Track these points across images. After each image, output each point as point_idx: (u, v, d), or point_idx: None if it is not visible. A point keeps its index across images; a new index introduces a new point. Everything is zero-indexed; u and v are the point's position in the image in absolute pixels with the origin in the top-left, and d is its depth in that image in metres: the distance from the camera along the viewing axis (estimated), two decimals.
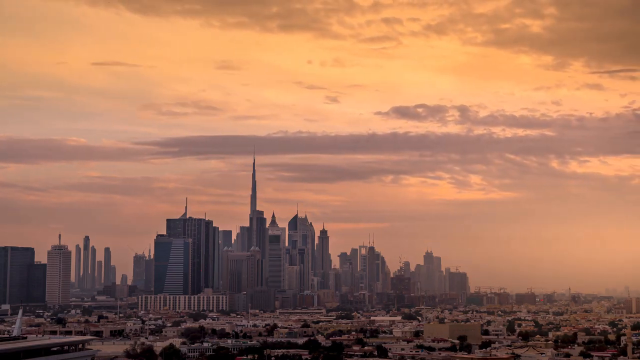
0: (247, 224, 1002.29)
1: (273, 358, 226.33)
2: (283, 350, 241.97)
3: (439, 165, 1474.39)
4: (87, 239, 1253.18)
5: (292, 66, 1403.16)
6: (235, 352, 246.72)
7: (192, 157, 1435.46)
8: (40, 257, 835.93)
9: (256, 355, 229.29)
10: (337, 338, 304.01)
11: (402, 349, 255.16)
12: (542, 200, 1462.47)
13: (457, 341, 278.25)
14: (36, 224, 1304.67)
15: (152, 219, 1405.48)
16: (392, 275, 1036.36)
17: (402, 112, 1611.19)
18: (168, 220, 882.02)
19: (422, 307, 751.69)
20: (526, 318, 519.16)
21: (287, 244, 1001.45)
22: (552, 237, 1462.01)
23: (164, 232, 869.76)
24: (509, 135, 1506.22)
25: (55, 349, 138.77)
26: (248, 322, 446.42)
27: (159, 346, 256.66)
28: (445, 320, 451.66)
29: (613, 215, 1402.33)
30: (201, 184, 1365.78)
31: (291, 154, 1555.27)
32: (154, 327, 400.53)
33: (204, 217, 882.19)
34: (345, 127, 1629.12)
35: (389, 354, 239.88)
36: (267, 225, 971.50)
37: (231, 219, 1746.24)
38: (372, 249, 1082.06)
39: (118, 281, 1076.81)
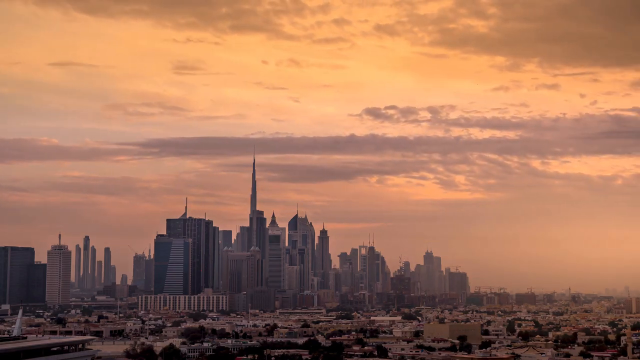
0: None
1: (273, 358, 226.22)
2: (283, 350, 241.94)
3: (421, 165, 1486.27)
4: (87, 239, 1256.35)
5: (249, 66, 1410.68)
6: (235, 352, 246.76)
7: (172, 157, 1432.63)
8: (40, 257, 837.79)
9: (256, 355, 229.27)
10: (337, 338, 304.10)
11: (402, 349, 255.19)
12: (531, 200, 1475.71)
13: (457, 341, 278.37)
14: (24, 223, 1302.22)
15: (138, 219, 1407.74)
16: (392, 275, 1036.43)
17: (374, 114, 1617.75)
18: (168, 220, 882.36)
19: (422, 307, 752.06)
20: (526, 318, 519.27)
21: (287, 244, 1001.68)
22: (550, 237, 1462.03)
23: (164, 232, 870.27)
24: (486, 136, 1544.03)
25: (55, 349, 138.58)
26: (248, 322, 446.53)
27: (159, 346, 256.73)
28: (445, 320, 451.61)
29: (607, 215, 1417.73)
30: (183, 184, 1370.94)
31: (272, 154, 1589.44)
32: (154, 327, 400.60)
33: (204, 217, 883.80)
34: (321, 128, 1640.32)
35: (389, 354, 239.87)
36: (267, 225, 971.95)
37: (218, 219, 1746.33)
38: (372, 249, 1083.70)
39: (118, 281, 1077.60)
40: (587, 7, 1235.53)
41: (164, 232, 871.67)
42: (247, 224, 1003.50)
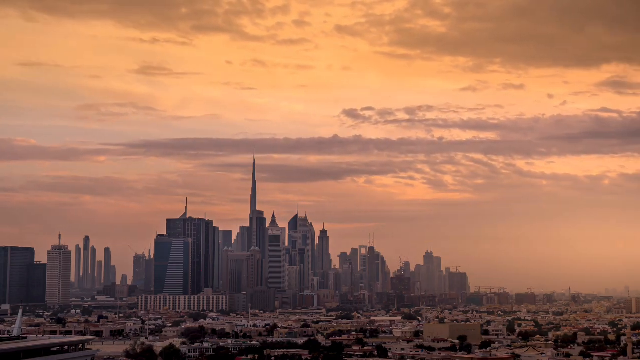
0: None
1: (273, 358, 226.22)
2: (283, 350, 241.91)
3: (408, 166, 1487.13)
4: (87, 239, 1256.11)
5: (216, 67, 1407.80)
6: (235, 352, 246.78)
7: (153, 158, 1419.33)
8: (40, 257, 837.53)
9: (256, 355, 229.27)
10: (337, 338, 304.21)
11: (402, 349, 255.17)
12: (522, 200, 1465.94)
13: (457, 341, 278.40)
14: (13, 223, 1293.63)
15: (126, 219, 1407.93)
16: (392, 275, 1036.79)
17: (353, 115, 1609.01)
18: (168, 220, 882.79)
19: (422, 307, 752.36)
20: (526, 318, 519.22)
21: (287, 244, 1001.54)
22: (550, 237, 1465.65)
23: (164, 232, 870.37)
24: (469, 137, 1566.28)
25: (55, 349, 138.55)
26: (248, 322, 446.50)
27: (159, 346, 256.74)
28: (445, 320, 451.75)
29: (602, 215, 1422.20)
30: (167, 184, 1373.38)
31: (252, 154, 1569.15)
32: (154, 327, 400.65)
33: (204, 217, 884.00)
34: (301, 129, 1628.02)
35: (389, 354, 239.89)
36: (267, 225, 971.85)
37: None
38: (372, 249, 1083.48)
39: (118, 281, 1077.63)
40: (540, 7, 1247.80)
41: (161, 232, 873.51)
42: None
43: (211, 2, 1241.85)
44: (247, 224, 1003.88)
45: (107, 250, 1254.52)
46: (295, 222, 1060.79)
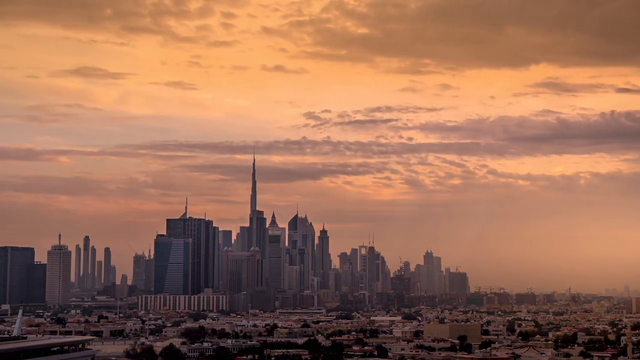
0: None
1: (273, 358, 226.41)
2: (283, 350, 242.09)
3: (383, 166, 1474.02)
4: (87, 239, 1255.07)
5: (150, 68, 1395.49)
6: (235, 352, 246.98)
7: (115, 158, 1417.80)
8: (40, 257, 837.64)
9: (256, 355, 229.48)
10: (337, 338, 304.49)
11: (402, 349, 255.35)
12: (506, 200, 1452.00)
13: (457, 341, 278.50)
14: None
15: (110, 218, 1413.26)
16: (392, 275, 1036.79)
17: (314, 117, 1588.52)
18: (168, 220, 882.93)
19: (422, 307, 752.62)
20: (526, 318, 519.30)
21: (287, 244, 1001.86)
22: (548, 237, 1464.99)
23: (164, 232, 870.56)
24: (437, 137, 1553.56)
25: (55, 349, 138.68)
26: (248, 322, 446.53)
27: (159, 346, 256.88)
28: (445, 320, 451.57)
29: (596, 215, 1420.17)
30: (138, 185, 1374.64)
31: (230, 154, 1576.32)
32: (154, 327, 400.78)
33: (204, 217, 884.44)
34: (271, 130, 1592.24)
35: (389, 354, 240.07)
36: (267, 225, 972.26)
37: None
38: (372, 249, 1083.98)
39: (118, 281, 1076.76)
40: (457, 8, 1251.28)
41: (161, 231, 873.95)
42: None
43: (133, 3, 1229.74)
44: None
45: (107, 250, 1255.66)
46: (295, 222, 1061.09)
